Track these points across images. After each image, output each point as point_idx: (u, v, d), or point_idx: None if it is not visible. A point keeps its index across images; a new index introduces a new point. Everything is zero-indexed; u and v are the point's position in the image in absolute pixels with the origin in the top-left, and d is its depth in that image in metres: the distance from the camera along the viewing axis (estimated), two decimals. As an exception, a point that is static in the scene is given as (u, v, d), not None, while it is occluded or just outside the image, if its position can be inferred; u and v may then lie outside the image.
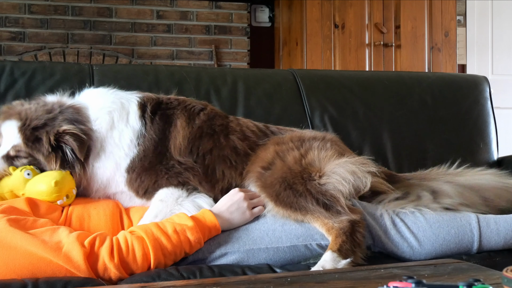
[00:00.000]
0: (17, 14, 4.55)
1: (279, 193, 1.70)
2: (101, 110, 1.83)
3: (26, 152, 1.74)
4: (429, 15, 4.68)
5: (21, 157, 1.75)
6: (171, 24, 4.85)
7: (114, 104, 1.85)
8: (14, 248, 1.42)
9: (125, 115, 1.84)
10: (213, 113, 1.95)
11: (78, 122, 1.77)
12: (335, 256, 1.57)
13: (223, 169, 1.83)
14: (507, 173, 2.03)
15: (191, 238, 1.54)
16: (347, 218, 1.63)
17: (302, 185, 1.69)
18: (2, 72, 2.15)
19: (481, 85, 2.71)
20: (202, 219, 1.61)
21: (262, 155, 1.83)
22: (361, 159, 1.80)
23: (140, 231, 1.53)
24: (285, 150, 1.81)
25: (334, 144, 1.88)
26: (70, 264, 1.41)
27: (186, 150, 1.82)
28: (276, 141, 1.88)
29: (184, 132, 1.84)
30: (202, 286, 1.20)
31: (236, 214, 1.67)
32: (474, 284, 0.97)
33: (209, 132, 1.87)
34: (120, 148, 1.79)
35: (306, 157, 1.77)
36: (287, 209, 1.68)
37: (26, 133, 1.73)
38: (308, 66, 4.43)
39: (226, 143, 1.86)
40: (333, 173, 1.70)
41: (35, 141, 1.73)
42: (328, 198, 1.66)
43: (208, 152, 1.84)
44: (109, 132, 1.80)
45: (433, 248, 1.67)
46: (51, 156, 1.72)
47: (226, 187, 1.83)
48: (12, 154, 1.75)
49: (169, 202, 1.72)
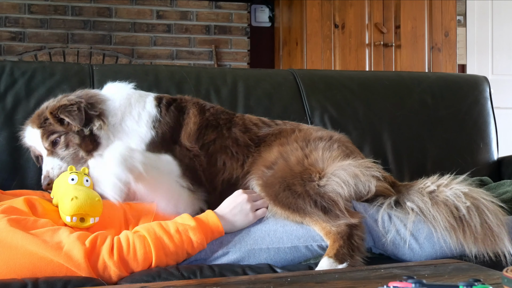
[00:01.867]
0: (17, 14, 4.55)
1: (278, 193, 1.69)
2: (119, 94, 1.96)
3: (49, 132, 1.83)
4: (429, 15, 4.68)
5: (56, 143, 1.83)
6: (171, 24, 4.85)
7: (132, 92, 1.98)
8: (14, 248, 1.42)
9: (142, 102, 1.96)
10: (221, 109, 2.04)
11: (81, 97, 1.87)
12: (331, 262, 1.56)
13: (224, 160, 1.88)
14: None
15: (193, 238, 1.54)
16: (345, 222, 1.62)
17: (301, 186, 1.68)
18: (2, 72, 2.15)
19: (481, 85, 2.71)
20: (205, 220, 1.61)
21: (266, 156, 1.83)
22: (366, 162, 1.78)
23: (142, 230, 1.53)
24: (289, 150, 1.80)
25: (342, 144, 1.86)
26: (71, 263, 1.41)
27: (194, 136, 1.91)
28: (281, 142, 1.88)
29: (196, 119, 1.94)
30: (202, 286, 1.20)
31: (239, 216, 1.67)
32: (474, 284, 0.97)
33: (214, 124, 1.95)
34: (139, 125, 1.90)
35: (309, 157, 1.76)
36: (286, 209, 1.68)
37: (36, 121, 1.86)
38: (308, 66, 4.43)
39: (228, 135, 1.93)
40: (333, 175, 1.69)
41: (46, 120, 1.84)
42: (326, 201, 1.65)
43: (211, 141, 1.91)
44: (127, 109, 1.92)
45: (433, 250, 1.66)
46: (69, 125, 1.82)
47: (227, 178, 1.85)
48: (48, 145, 1.83)
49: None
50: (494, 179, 2.39)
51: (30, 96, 2.12)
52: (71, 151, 1.83)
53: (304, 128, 1.98)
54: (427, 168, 2.37)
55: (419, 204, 1.68)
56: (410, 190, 1.76)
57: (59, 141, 1.83)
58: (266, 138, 1.93)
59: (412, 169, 2.42)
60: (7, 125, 2.08)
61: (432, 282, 1.05)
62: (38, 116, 1.87)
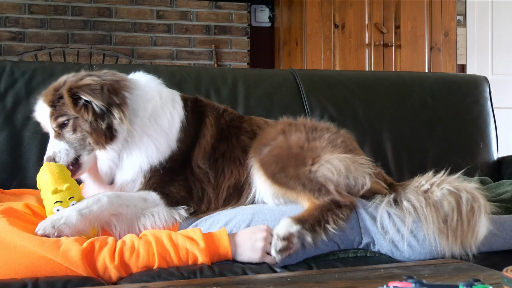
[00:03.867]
0: (17, 14, 4.55)
1: (275, 173, 1.73)
2: (149, 86, 1.84)
3: (60, 114, 1.70)
4: (429, 15, 4.68)
5: (65, 125, 1.70)
6: (171, 24, 4.85)
7: (162, 87, 1.88)
8: (14, 247, 1.42)
9: (172, 101, 1.85)
10: (232, 114, 1.98)
11: (113, 83, 1.73)
12: (289, 221, 1.59)
13: (232, 169, 1.85)
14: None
15: (199, 259, 1.51)
16: (332, 197, 1.65)
17: (294, 169, 1.71)
18: (2, 72, 2.15)
19: (481, 85, 2.71)
20: (216, 242, 1.55)
21: (266, 133, 1.85)
22: (362, 159, 1.79)
23: (150, 237, 1.51)
24: (293, 130, 1.82)
25: (346, 140, 1.88)
26: (68, 263, 1.41)
27: (208, 153, 1.83)
28: (288, 121, 1.90)
29: (212, 130, 1.86)
30: (202, 286, 1.20)
31: (247, 248, 1.58)
32: (474, 284, 0.97)
33: (226, 135, 1.89)
34: (171, 129, 1.79)
35: (310, 142, 1.78)
36: (281, 187, 1.72)
37: (49, 97, 1.72)
38: (308, 66, 4.43)
39: (237, 144, 1.88)
40: (327, 162, 1.71)
41: (60, 98, 1.70)
42: (313, 184, 1.68)
43: (222, 155, 1.86)
44: (159, 104, 1.80)
45: (433, 247, 1.67)
46: (82, 109, 1.68)
47: (232, 184, 1.84)
48: (55, 127, 1.71)
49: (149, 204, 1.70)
50: (494, 179, 2.39)
51: (30, 96, 2.12)
52: (79, 136, 1.71)
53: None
54: (427, 168, 2.35)
55: (415, 203, 1.69)
56: (406, 188, 1.77)
57: (67, 124, 1.70)
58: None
59: (412, 169, 2.41)
60: (7, 125, 2.08)
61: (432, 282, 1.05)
62: (53, 92, 1.73)
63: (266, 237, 1.58)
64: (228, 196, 1.82)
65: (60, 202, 1.58)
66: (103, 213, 1.58)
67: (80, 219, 1.52)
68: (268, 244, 1.58)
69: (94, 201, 1.58)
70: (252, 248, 1.57)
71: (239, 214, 1.70)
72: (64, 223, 1.49)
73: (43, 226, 1.48)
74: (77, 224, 1.51)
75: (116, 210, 1.62)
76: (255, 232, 1.59)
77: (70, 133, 1.71)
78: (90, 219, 1.55)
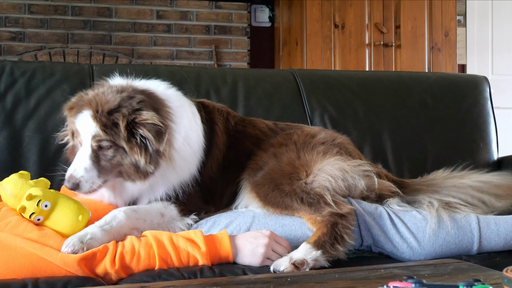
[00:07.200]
0: (17, 14, 4.55)
1: (267, 193, 1.71)
2: (173, 98, 1.76)
3: (107, 140, 1.58)
4: (429, 15, 4.68)
5: (104, 148, 1.60)
6: (171, 24, 4.85)
7: (180, 95, 1.83)
8: (14, 248, 1.42)
9: (193, 115, 1.80)
10: (236, 118, 1.96)
11: (156, 109, 1.64)
12: (308, 248, 1.56)
13: (236, 176, 1.85)
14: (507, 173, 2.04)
15: (200, 261, 1.52)
16: (330, 211, 1.63)
17: (288, 185, 1.70)
18: (2, 72, 2.15)
19: (481, 85, 2.70)
20: (218, 245, 1.54)
21: (258, 158, 1.84)
22: (357, 160, 1.81)
23: (151, 239, 1.51)
24: (284, 151, 1.82)
25: (342, 148, 1.87)
26: (67, 266, 1.42)
27: (219, 162, 1.83)
28: (279, 141, 1.89)
29: (223, 138, 1.85)
30: (202, 286, 1.20)
31: (248, 253, 1.56)
32: (474, 284, 0.97)
33: (234, 142, 1.89)
34: (197, 147, 1.77)
35: (301, 158, 1.78)
36: (275, 208, 1.71)
37: (102, 119, 1.59)
38: (308, 66, 4.43)
39: (242, 150, 1.89)
40: (320, 171, 1.71)
41: (113, 125, 1.59)
42: (311, 197, 1.67)
43: (228, 163, 1.86)
44: (186, 121, 1.75)
45: (432, 248, 1.67)
46: (135, 147, 1.60)
47: (234, 190, 1.85)
48: (95, 146, 1.60)
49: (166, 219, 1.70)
50: (494, 179, 2.39)
51: (30, 96, 2.12)
52: (114, 163, 1.62)
53: (307, 131, 1.96)
54: (427, 168, 2.36)
55: (426, 207, 1.74)
56: (418, 187, 1.80)
57: (109, 149, 1.60)
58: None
59: (412, 169, 2.42)
60: (7, 125, 2.08)
61: (432, 282, 1.05)
62: (107, 116, 1.59)
63: (268, 244, 1.56)
64: (229, 201, 1.84)
65: (34, 213, 1.52)
66: (123, 227, 1.57)
67: (104, 234, 1.52)
68: (270, 250, 1.56)
69: (112, 218, 1.57)
70: (253, 254, 1.55)
71: (240, 217, 1.70)
72: (91, 238, 1.48)
73: (71, 243, 1.45)
74: (102, 238, 1.50)
75: (134, 225, 1.61)
76: (257, 237, 1.57)
77: (107, 157, 1.62)
78: (113, 233, 1.54)
